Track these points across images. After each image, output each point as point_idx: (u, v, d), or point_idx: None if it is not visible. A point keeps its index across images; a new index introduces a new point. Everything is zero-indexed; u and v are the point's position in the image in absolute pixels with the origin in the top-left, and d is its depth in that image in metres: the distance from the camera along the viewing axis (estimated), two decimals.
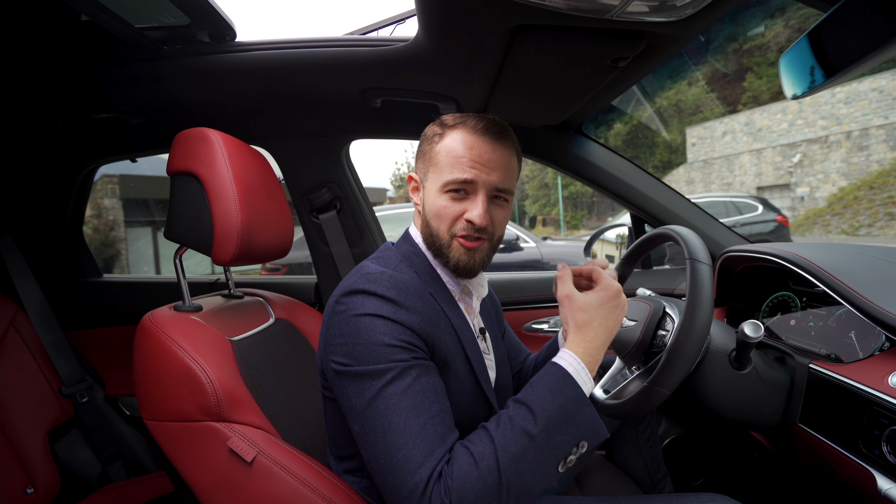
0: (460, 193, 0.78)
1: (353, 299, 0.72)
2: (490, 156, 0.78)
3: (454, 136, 0.79)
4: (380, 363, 0.67)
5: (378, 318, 0.70)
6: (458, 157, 0.77)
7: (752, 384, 0.94)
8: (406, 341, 0.69)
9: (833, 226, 13.88)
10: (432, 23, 0.80)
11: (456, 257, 0.80)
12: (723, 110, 18.83)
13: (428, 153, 0.82)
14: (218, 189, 0.90)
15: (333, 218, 1.44)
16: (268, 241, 1.02)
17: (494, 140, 0.78)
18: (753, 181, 17.21)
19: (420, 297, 0.75)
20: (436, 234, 0.80)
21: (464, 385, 0.80)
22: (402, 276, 0.76)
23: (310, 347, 1.17)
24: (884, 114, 13.96)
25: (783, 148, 16.33)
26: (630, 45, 0.75)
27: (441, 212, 0.79)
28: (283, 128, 1.37)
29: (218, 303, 1.07)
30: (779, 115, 16.65)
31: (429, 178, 0.82)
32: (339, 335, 0.71)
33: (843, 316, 0.99)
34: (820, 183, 15.33)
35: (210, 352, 0.84)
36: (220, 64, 1.08)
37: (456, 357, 0.79)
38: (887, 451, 0.70)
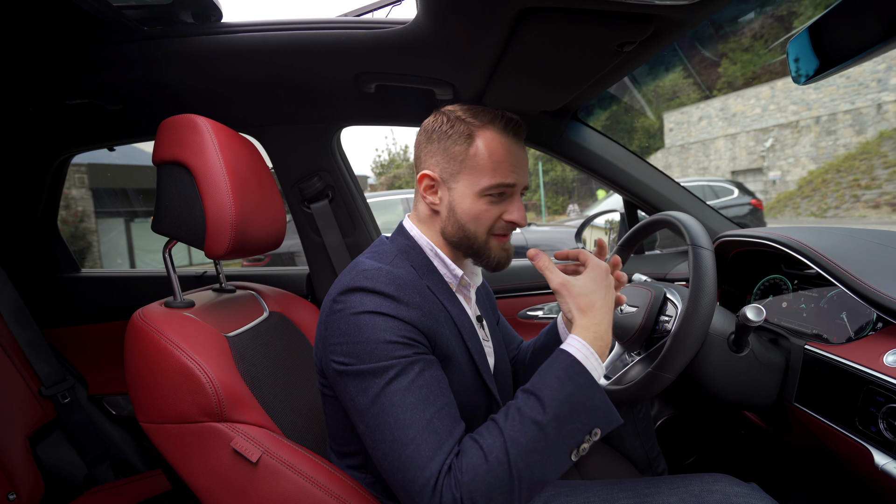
0: (499, 196, 0.79)
1: (352, 297, 0.71)
2: (523, 157, 0.81)
3: (489, 137, 0.78)
4: (382, 360, 0.66)
5: (377, 315, 0.69)
6: (500, 161, 0.77)
7: (749, 366, 0.96)
8: (407, 337, 0.69)
9: (803, 208, 14.39)
10: (435, 4, 0.77)
11: (496, 256, 0.82)
12: (699, 96, 19.13)
13: (460, 154, 0.78)
14: (209, 179, 0.86)
15: (325, 207, 1.40)
16: (262, 233, 0.99)
17: (521, 140, 0.81)
18: (728, 165, 17.64)
19: (418, 291, 0.75)
20: (473, 237, 0.80)
21: (466, 377, 0.79)
22: (399, 271, 0.76)
23: (305, 341, 1.14)
24: (850, 99, 14.43)
25: (756, 133, 16.75)
26: (639, 28, 0.73)
27: (482, 216, 0.79)
28: (273, 114, 1.31)
29: (210, 297, 1.04)
30: (752, 100, 17.03)
31: (461, 180, 0.79)
32: (339, 334, 0.70)
33: (835, 297, 1.01)
34: (791, 167, 15.82)
35: (207, 349, 0.81)
36: (204, 46, 1.02)
37: (457, 349, 0.78)
38: (884, 428, 0.73)
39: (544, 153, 1.43)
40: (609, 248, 1.86)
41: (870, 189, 12.97)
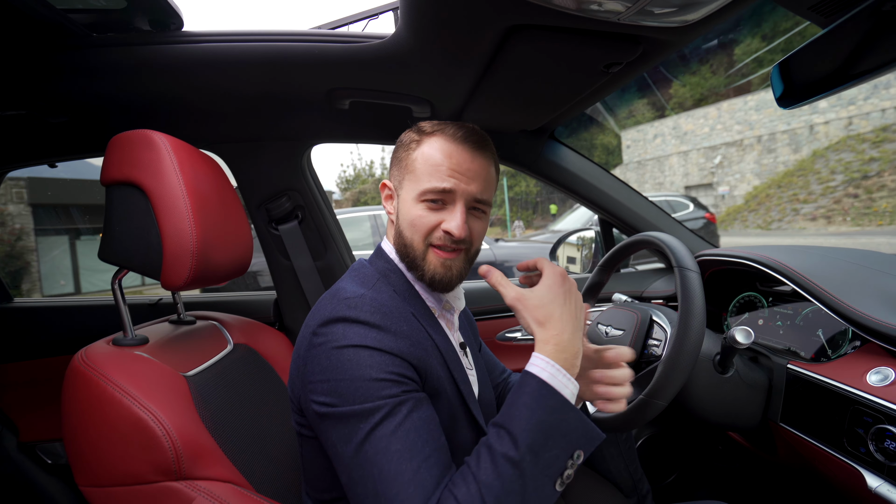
0: (437, 203, 0.73)
1: (333, 329, 0.65)
2: (469, 165, 0.73)
3: (432, 143, 0.74)
4: (367, 401, 0.60)
5: (362, 348, 0.63)
6: (437, 165, 0.72)
7: (735, 387, 0.96)
8: (395, 373, 0.63)
9: (750, 221, 15.31)
10: (418, 19, 0.73)
11: (431, 270, 0.74)
12: (653, 115, 20.16)
13: (404, 160, 0.76)
14: (167, 202, 0.77)
15: (295, 229, 1.32)
16: (226, 260, 0.90)
17: (474, 149, 0.74)
18: (682, 181, 18.60)
19: (404, 318, 0.69)
20: (409, 245, 0.75)
21: (455, 411, 0.74)
22: (383, 297, 0.70)
23: (275, 375, 1.05)
24: (786, 120, 15.60)
25: (706, 150, 17.79)
26: (627, 49, 0.72)
27: (416, 221, 0.73)
28: (238, 130, 1.23)
29: (166, 331, 0.93)
30: (701, 119, 18.11)
31: (404, 187, 0.76)
32: (320, 371, 0.63)
33: (810, 315, 1.03)
34: (738, 182, 16.86)
35: (163, 394, 0.72)
36: (163, 56, 0.94)
37: (445, 382, 0.73)
38: (874, 450, 0.73)
39: (522, 172, 1.42)
40: (583, 266, 1.87)
41: (807, 203, 13.98)
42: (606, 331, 1.04)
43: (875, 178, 12.85)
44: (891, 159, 12.90)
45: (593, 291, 1.16)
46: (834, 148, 14.56)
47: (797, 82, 0.67)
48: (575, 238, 1.92)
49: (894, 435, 0.69)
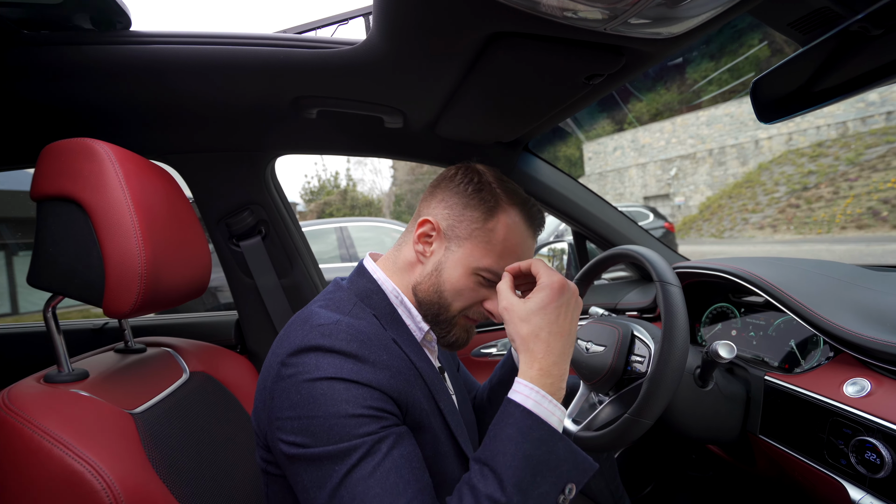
0: (488, 282, 0.71)
1: (305, 359, 0.59)
2: (530, 249, 0.75)
3: (512, 219, 0.71)
4: (342, 441, 0.55)
5: (338, 381, 0.57)
6: (512, 249, 0.71)
7: (715, 401, 0.95)
8: (374, 408, 0.57)
9: (704, 230, 16.10)
10: (394, 24, 0.69)
11: (456, 335, 0.74)
12: (613, 128, 20.99)
13: (475, 221, 0.70)
14: (111, 219, 0.69)
15: (258, 245, 1.23)
16: (180, 281, 0.82)
17: (535, 232, 0.76)
18: (641, 191, 19.40)
19: (384, 346, 0.64)
20: (445, 307, 0.71)
21: (440, 444, 0.68)
22: (361, 324, 0.64)
23: (237, 405, 0.96)
24: (734, 135, 16.61)
25: (662, 162, 18.66)
26: (610, 61, 0.71)
27: (465, 293, 0.70)
28: (194, 140, 1.14)
29: (111, 362, 0.83)
30: (657, 133, 19.01)
31: (464, 247, 0.70)
32: (289, 407, 0.57)
33: (782, 325, 1.05)
34: (692, 193, 17.74)
35: (104, 439, 0.63)
36: (106, 57, 0.85)
37: (430, 414, 0.67)
38: (855, 462, 0.73)
39: None
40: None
41: (755, 213, 14.86)
42: (587, 347, 1.01)
43: (813, 190, 13.84)
44: (826, 172, 13.95)
45: None
46: (777, 161, 15.62)
47: (776, 98, 0.67)
48: (546, 250, 1.91)
49: (875, 447, 0.69)
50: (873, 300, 0.89)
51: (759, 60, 17.07)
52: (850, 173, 13.30)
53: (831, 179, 13.66)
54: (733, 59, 17.53)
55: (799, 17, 0.61)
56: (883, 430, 0.69)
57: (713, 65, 18.67)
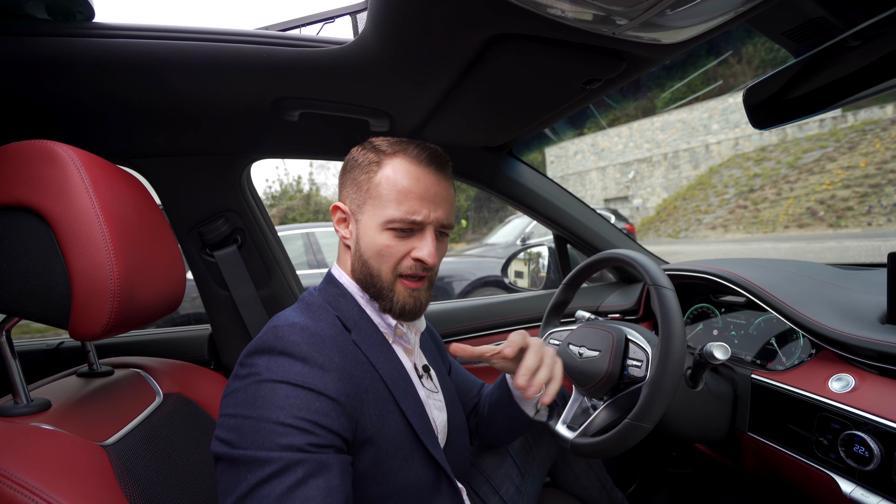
0: (405, 232, 0.71)
1: (258, 361, 0.61)
2: (436, 189, 0.72)
3: (396, 165, 0.71)
4: (261, 449, 0.54)
5: (282, 384, 0.58)
6: (404, 191, 0.69)
7: (705, 401, 0.97)
8: (308, 420, 0.57)
9: (661, 231, 16.84)
10: (392, 23, 0.65)
11: (401, 301, 0.72)
12: (573, 133, 21.62)
13: (364, 183, 0.72)
14: (78, 231, 0.62)
15: (234, 254, 1.16)
16: (155, 297, 0.75)
17: (438, 171, 0.73)
18: (601, 194, 20.07)
19: (339, 348, 0.65)
20: (376, 275, 0.72)
21: (400, 450, 0.68)
22: (318, 326, 0.66)
23: (215, 427, 0.89)
24: (687, 140, 17.49)
25: (621, 166, 19.39)
26: (611, 65, 0.70)
27: (384, 251, 0.71)
28: (164, 143, 1.05)
29: (74, 388, 0.75)
30: (616, 138, 19.74)
31: (365, 212, 0.72)
32: (233, 405, 0.59)
33: (762, 324, 1.08)
34: (649, 195, 18.53)
35: (74, 478, 0.56)
36: (64, 51, 0.77)
37: (387, 419, 0.67)
38: (844, 455, 0.75)
39: (479, 188, 1.38)
40: (531, 281, 1.88)
41: (708, 213, 15.68)
42: (580, 352, 1.01)
43: (759, 192, 14.77)
44: (770, 175, 14.93)
45: (558, 310, 1.14)
46: (725, 165, 16.56)
47: (768, 105, 0.69)
48: (524, 254, 1.92)
49: (863, 440, 0.72)
50: (848, 298, 0.93)
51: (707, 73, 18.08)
52: (791, 176, 14.30)
53: (774, 182, 14.63)
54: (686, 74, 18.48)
55: (794, 27, 0.62)
56: (870, 423, 0.72)
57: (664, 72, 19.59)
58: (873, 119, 13.81)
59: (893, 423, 0.69)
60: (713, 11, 0.56)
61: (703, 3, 0.54)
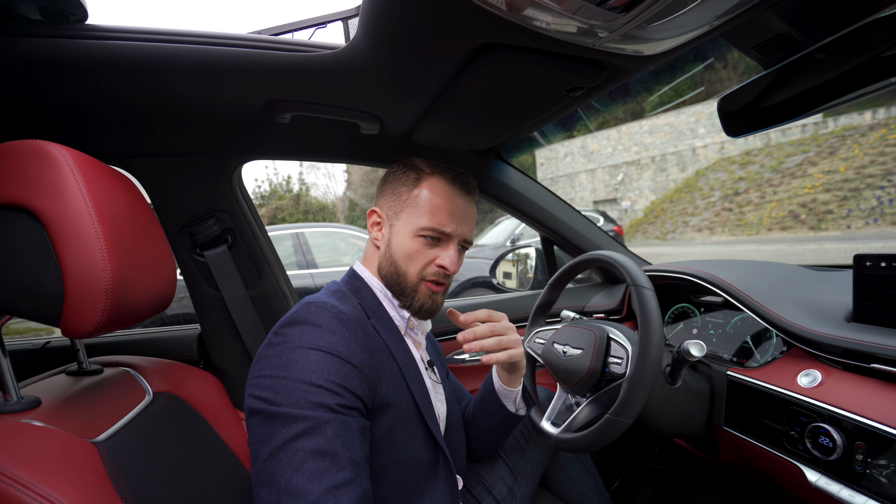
0: (433, 241, 0.81)
1: (291, 330, 0.69)
2: (465, 209, 0.83)
3: (433, 183, 0.82)
4: (297, 407, 0.62)
5: (314, 350, 0.66)
6: (439, 206, 0.80)
7: (684, 397, 1.00)
8: (337, 383, 0.64)
9: (649, 232, 17.05)
10: (383, 30, 0.68)
11: (421, 300, 0.82)
12: (563, 135, 21.79)
13: (404, 194, 0.83)
14: (72, 230, 0.63)
15: (224, 254, 1.17)
16: (147, 296, 0.76)
17: (467, 193, 0.84)
18: (590, 196, 20.26)
19: (362, 327, 0.74)
20: (403, 275, 0.81)
21: (408, 424, 0.76)
22: (346, 308, 0.74)
23: (206, 426, 0.90)
24: (674, 143, 17.74)
25: (610, 168, 19.59)
26: (593, 74, 0.73)
27: (414, 255, 0.80)
28: (156, 143, 1.06)
29: (64, 386, 0.76)
30: (605, 141, 19.93)
31: (401, 219, 0.82)
32: (269, 367, 0.66)
33: (739, 323, 1.13)
34: (637, 197, 18.75)
35: (66, 473, 0.57)
36: (57, 52, 0.78)
37: (399, 393, 0.76)
38: (811, 446, 0.79)
39: None
40: (519, 282, 1.91)
41: (694, 216, 15.92)
42: (564, 350, 1.04)
43: (744, 195, 15.04)
44: (754, 179, 15.21)
45: (544, 310, 1.17)
46: (711, 168, 16.84)
47: (740, 114, 0.72)
48: (512, 255, 1.95)
49: (828, 432, 0.76)
50: (817, 298, 0.97)
51: (694, 76, 18.36)
52: (774, 179, 14.59)
53: (758, 185, 14.92)
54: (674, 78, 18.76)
55: (762, 41, 0.66)
56: (834, 416, 0.76)
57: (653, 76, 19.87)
58: (853, 125, 14.17)
59: (855, 415, 0.73)
60: (687, 26, 0.60)
61: (677, 19, 0.57)
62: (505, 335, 0.83)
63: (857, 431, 0.72)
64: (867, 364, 0.76)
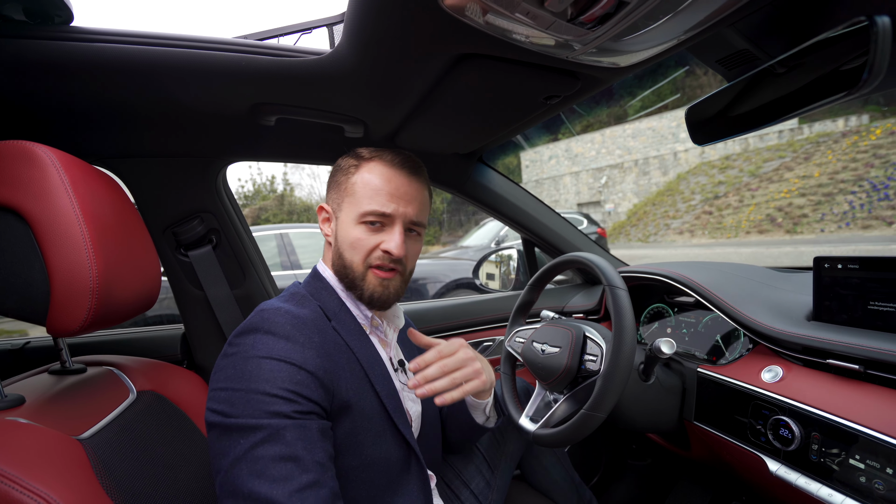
0: (377, 225, 0.78)
1: (245, 340, 0.68)
2: (406, 189, 0.79)
3: (371, 168, 0.79)
4: (253, 417, 0.61)
5: (267, 360, 0.65)
6: (376, 189, 0.77)
7: (657, 393, 1.05)
8: (291, 390, 0.63)
9: (632, 235, 17.34)
10: (366, 38, 0.70)
11: (370, 289, 0.79)
12: (548, 138, 22.02)
13: (343, 184, 0.81)
14: (58, 230, 0.64)
15: (208, 254, 1.17)
16: (132, 295, 0.77)
17: (410, 174, 0.80)
18: (574, 198, 20.50)
19: (319, 330, 0.72)
20: (349, 266, 0.79)
21: (373, 425, 0.74)
22: (302, 311, 0.73)
23: (190, 424, 0.91)
24: (656, 147, 18.08)
25: (594, 171, 19.86)
26: (567, 84, 0.77)
27: (356, 243, 0.78)
28: (141, 144, 1.06)
29: (47, 385, 0.76)
30: (589, 144, 20.21)
31: (343, 209, 0.80)
32: (224, 379, 0.65)
33: (710, 322, 1.18)
34: (620, 200, 19.05)
35: (53, 468, 0.58)
36: (42, 53, 0.78)
37: (362, 394, 0.74)
38: (772, 438, 0.84)
39: (451, 193, 1.43)
40: (502, 283, 1.94)
41: (675, 219, 16.25)
42: (543, 349, 1.07)
43: (723, 199, 15.41)
44: (733, 183, 15.60)
45: (524, 310, 1.20)
46: (692, 172, 17.21)
47: (705, 124, 0.77)
48: (494, 257, 1.99)
49: (788, 424, 0.81)
50: (781, 298, 1.03)
51: (676, 81, 18.75)
52: (752, 184, 14.98)
53: (737, 189, 15.30)
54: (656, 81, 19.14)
55: (725, 56, 0.70)
56: (793, 409, 0.80)
57: (636, 81, 20.24)
58: (826, 132, 14.65)
59: (811, 408, 0.78)
60: (655, 40, 0.63)
61: (645, 34, 0.60)
62: (460, 369, 0.76)
63: (813, 423, 0.77)
64: (823, 360, 0.81)
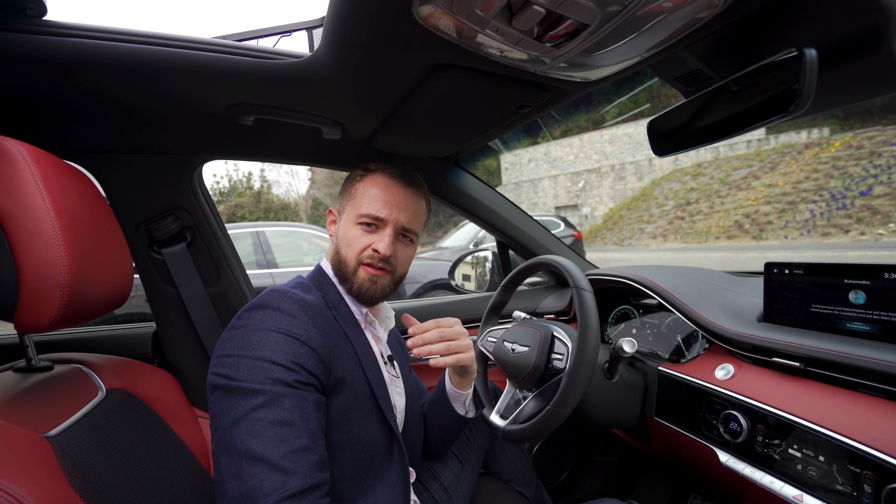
0: (371, 227, 0.86)
1: (254, 314, 0.73)
2: (402, 198, 0.87)
3: (374, 178, 0.88)
4: (257, 382, 0.66)
5: (273, 332, 0.71)
6: (375, 196, 0.86)
7: (620, 390, 1.10)
8: (294, 361, 0.69)
9: (608, 238, 17.72)
10: (344, 44, 0.72)
11: (360, 283, 0.86)
12: (528, 142, 22.28)
13: (349, 190, 0.90)
14: (28, 226, 0.63)
15: (182, 252, 1.16)
16: (103, 292, 0.76)
17: (406, 185, 0.89)
18: (552, 201, 20.81)
19: (322, 315, 0.79)
20: (344, 260, 0.86)
21: (361, 406, 0.80)
22: (307, 297, 0.79)
23: (161, 422, 0.91)
24: (632, 153, 18.54)
25: (572, 175, 20.21)
26: (537, 94, 0.81)
27: (352, 241, 0.86)
28: (114, 140, 1.05)
29: (12, 382, 0.75)
30: (567, 148, 20.56)
31: (345, 212, 0.89)
32: (231, 347, 0.70)
33: (671, 323, 1.24)
34: (597, 204, 19.44)
35: (21, 465, 0.58)
36: (12, 46, 0.77)
37: (354, 374, 0.80)
38: (723, 431, 0.90)
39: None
40: (478, 284, 1.98)
41: (649, 223, 16.70)
42: (513, 348, 1.11)
43: (695, 205, 15.93)
44: (704, 190, 16.14)
45: (497, 310, 1.24)
46: (666, 178, 17.72)
47: (666, 136, 0.82)
48: (470, 258, 2.02)
49: (737, 418, 0.86)
50: (735, 300, 1.09)
51: (652, 89, 19.28)
52: (722, 191, 15.53)
53: (708, 196, 15.84)
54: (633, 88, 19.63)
55: (682, 75, 0.75)
56: (742, 403, 0.86)
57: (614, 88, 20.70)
58: (791, 143, 15.32)
59: (757, 402, 0.84)
60: (619, 57, 0.68)
61: (610, 51, 0.65)
62: (455, 339, 0.85)
63: (759, 416, 0.83)
64: (770, 358, 0.87)
